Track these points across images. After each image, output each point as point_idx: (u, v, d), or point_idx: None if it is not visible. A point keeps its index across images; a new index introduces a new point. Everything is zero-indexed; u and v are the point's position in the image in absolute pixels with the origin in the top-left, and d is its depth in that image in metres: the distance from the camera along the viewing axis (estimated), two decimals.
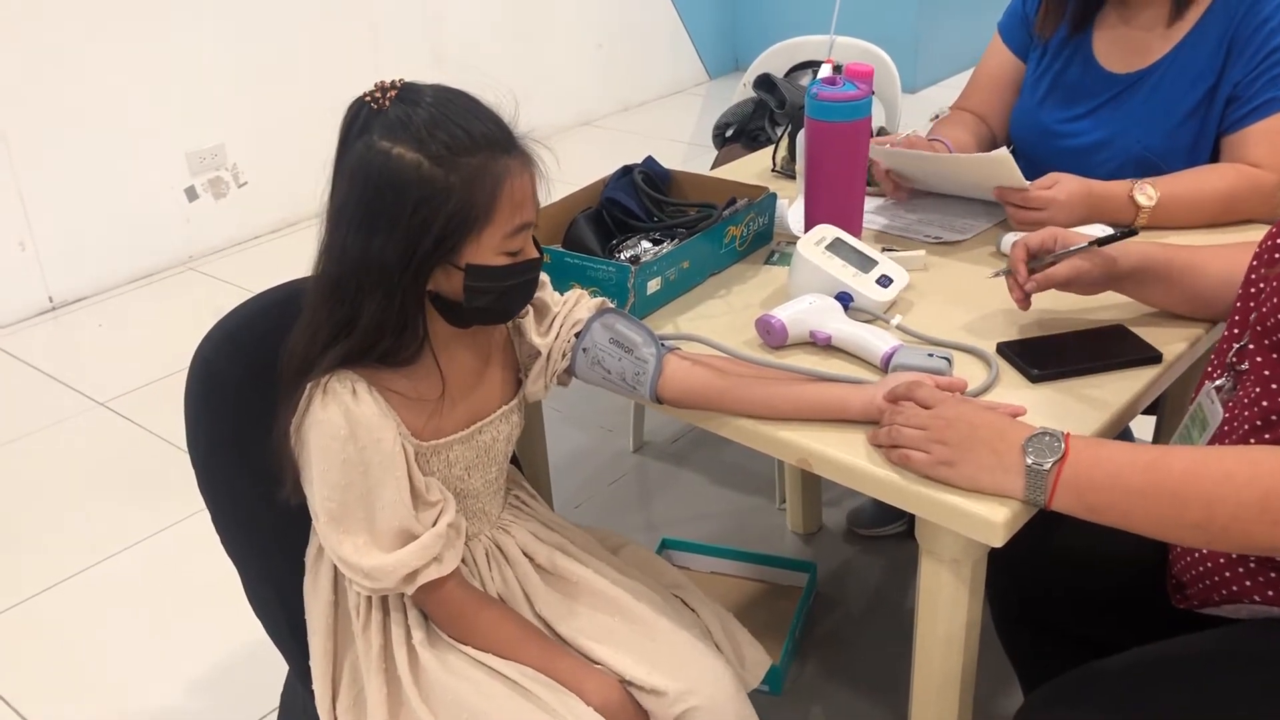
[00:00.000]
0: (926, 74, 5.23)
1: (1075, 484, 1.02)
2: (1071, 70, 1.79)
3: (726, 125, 2.68)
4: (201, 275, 3.80)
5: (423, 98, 1.11)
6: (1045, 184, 1.61)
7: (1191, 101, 1.68)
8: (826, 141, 1.54)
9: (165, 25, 3.60)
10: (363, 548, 1.17)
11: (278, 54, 3.92)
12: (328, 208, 1.14)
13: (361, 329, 1.12)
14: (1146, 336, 1.34)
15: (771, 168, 2.01)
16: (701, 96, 5.63)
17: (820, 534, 2.34)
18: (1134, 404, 1.26)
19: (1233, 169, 1.64)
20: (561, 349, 1.28)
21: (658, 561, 1.44)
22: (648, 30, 5.46)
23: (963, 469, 1.08)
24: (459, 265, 1.13)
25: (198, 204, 3.86)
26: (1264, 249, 1.16)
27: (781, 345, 1.37)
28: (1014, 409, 1.16)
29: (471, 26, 4.58)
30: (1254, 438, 1.09)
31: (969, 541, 1.10)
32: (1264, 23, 1.62)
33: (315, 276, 1.15)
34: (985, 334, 1.38)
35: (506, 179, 1.11)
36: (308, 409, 1.15)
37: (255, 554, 1.33)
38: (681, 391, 1.26)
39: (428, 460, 1.22)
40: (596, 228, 1.63)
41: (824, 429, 1.21)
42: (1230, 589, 1.12)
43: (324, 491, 1.16)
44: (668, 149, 4.77)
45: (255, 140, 3.95)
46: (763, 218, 1.66)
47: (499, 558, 1.31)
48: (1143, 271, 1.35)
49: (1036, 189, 1.60)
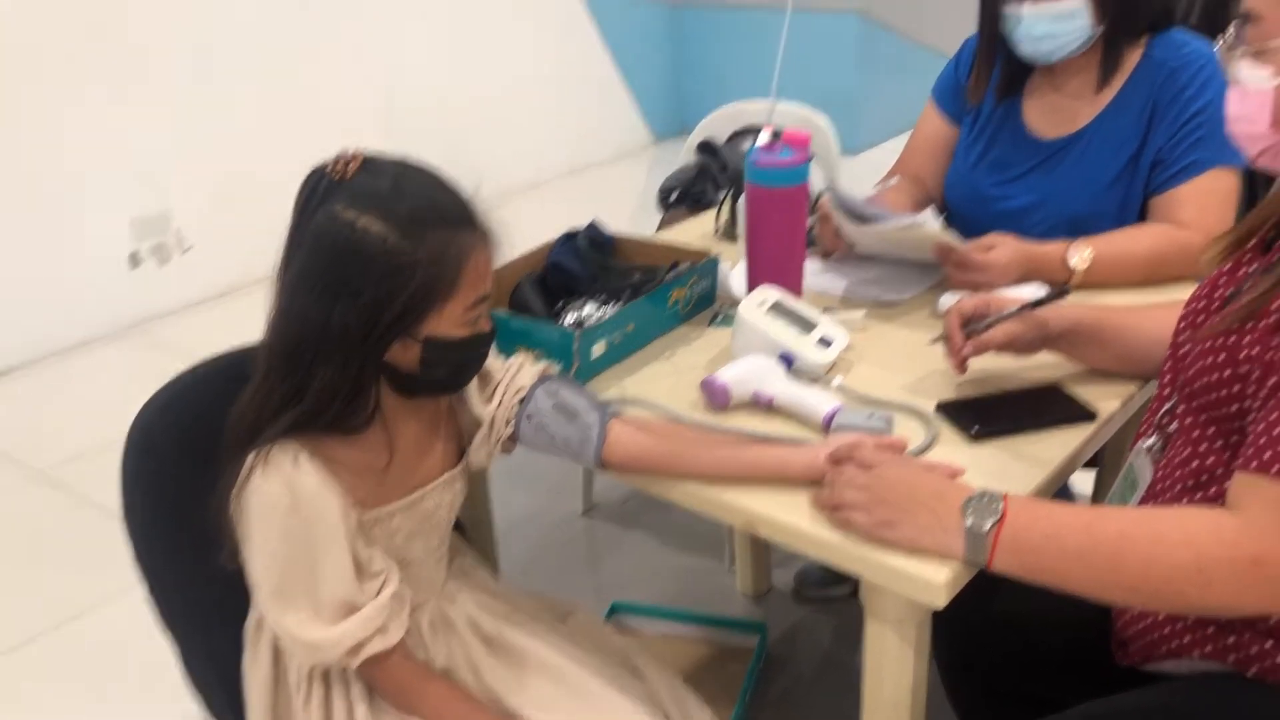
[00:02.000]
0: (866, 136, 5.33)
1: (1014, 545, 1.04)
2: (1003, 136, 1.85)
3: (671, 189, 2.71)
4: (144, 341, 3.75)
5: (386, 169, 1.12)
6: (984, 245, 1.64)
7: (1118, 166, 1.73)
8: (766, 206, 1.56)
9: (111, 90, 3.59)
10: (305, 621, 1.15)
11: (225, 120, 3.92)
12: (281, 275, 1.13)
13: (313, 396, 1.11)
14: (1081, 394, 1.37)
15: (714, 231, 2.04)
16: (648, 159, 5.70)
17: (770, 594, 2.33)
18: (1071, 461, 1.28)
19: (1161, 230, 1.69)
20: (505, 416, 1.28)
21: (606, 628, 1.43)
22: (595, 94, 5.53)
23: (904, 530, 1.09)
24: (418, 337, 1.13)
25: (141, 270, 3.82)
26: (1188, 311, 1.20)
27: (725, 407, 1.38)
28: (953, 469, 1.17)
29: (420, 90, 4.61)
30: (1186, 498, 1.11)
31: (912, 603, 1.11)
32: (1181, 90, 1.68)
33: (268, 343, 1.15)
34: (924, 393, 1.40)
35: (471, 254, 1.12)
36: (249, 479, 1.13)
37: (193, 628, 1.30)
38: (626, 457, 1.26)
39: (370, 530, 1.20)
40: (541, 292, 1.64)
41: (769, 492, 1.21)
42: (1171, 645, 1.14)
43: (265, 563, 1.14)
44: (616, 210, 4.81)
45: (201, 206, 3.93)
46: (705, 281, 1.68)
47: (444, 628, 1.29)
48: (1075, 333, 1.38)
49: (975, 250, 1.64)
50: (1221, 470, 1.07)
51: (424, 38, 4.58)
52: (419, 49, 4.57)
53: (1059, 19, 1.66)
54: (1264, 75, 1.03)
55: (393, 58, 4.47)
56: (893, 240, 1.72)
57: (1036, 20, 1.67)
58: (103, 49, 3.54)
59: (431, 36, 4.61)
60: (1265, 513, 0.95)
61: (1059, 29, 1.67)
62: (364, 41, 4.34)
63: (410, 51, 4.53)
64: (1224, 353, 1.05)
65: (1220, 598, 0.97)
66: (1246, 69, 1.05)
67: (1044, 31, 1.68)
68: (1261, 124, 1.05)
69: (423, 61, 4.59)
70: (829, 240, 1.80)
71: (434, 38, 4.63)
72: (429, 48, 4.61)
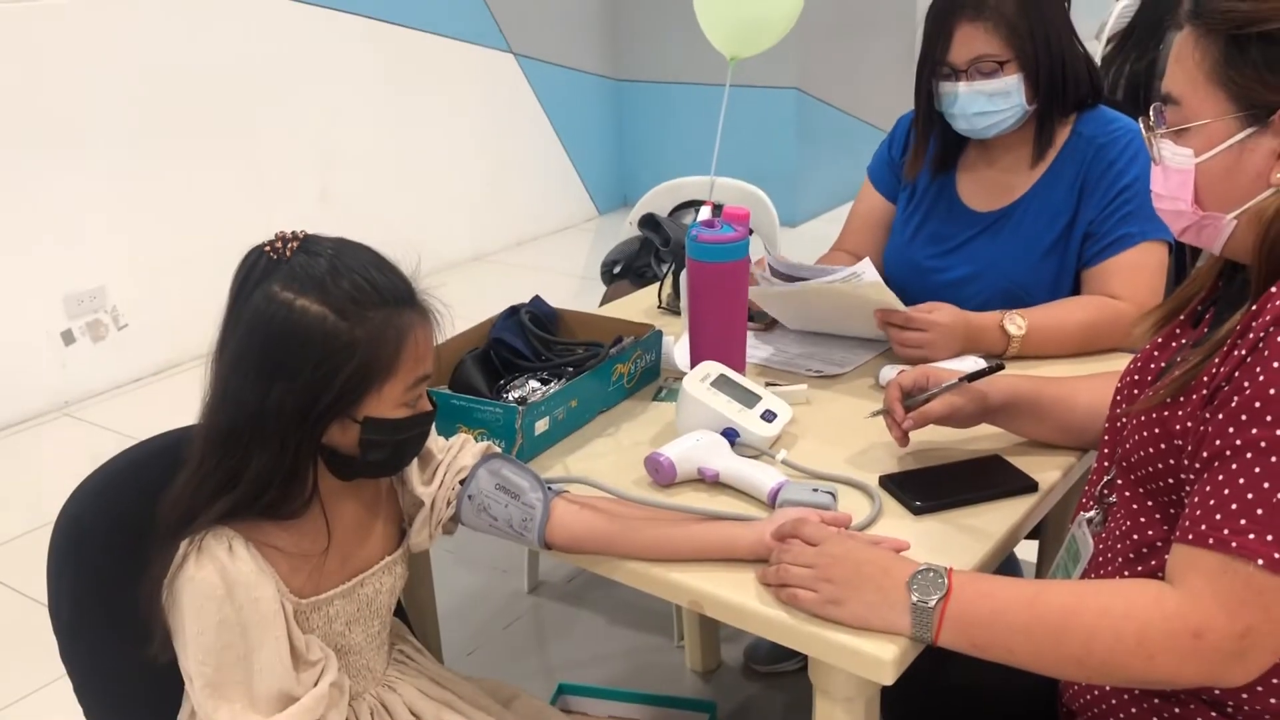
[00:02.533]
0: (805, 208, 5.42)
1: (960, 620, 1.04)
2: (938, 210, 1.89)
3: (614, 262, 2.72)
4: (78, 421, 3.66)
5: (324, 249, 1.11)
6: (926, 309, 1.67)
7: (1051, 237, 1.77)
8: (707, 281, 1.57)
9: (44, 165, 3.55)
10: (240, 713, 1.11)
11: (161, 194, 3.87)
12: (218, 356, 1.12)
13: (249, 480, 1.09)
14: (1022, 465, 1.38)
15: (658, 304, 2.04)
16: (591, 231, 5.74)
17: (720, 671, 2.31)
18: (1014, 533, 1.28)
19: (1094, 301, 1.73)
20: (446, 498, 1.26)
21: (551, 713, 1.40)
22: (538, 168, 5.57)
23: (850, 607, 1.08)
24: (356, 418, 1.11)
25: (74, 348, 3.75)
26: (1124, 384, 1.22)
27: (670, 483, 1.37)
28: (898, 544, 1.17)
29: (361, 163, 4.61)
30: (1128, 570, 1.12)
31: (861, 679, 1.10)
32: (1110, 165, 1.73)
33: (203, 425, 1.12)
34: (867, 466, 1.41)
35: (410, 333, 1.11)
36: (181, 567, 1.10)
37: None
38: (570, 536, 1.25)
39: (307, 617, 1.17)
40: (484, 368, 1.63)
41: (714, 569, 1.20)
42: (1118, 716, 1.14)
43: (199, 655, 1.10)
44: (559, 283, 4.83)
45: (137, 282, 3.87)
46: (649, 355, 1.68)
47: (384, 717, 1.25)
48: (1013, 405, 1.40)
49: (918, 313, 1.66)
50: (1161, 542, 1.08)
51: (363, 112, 4.59)
52: (358, 124, 4.57)
53: (994, 96, 1.71)
54: (1185, 154, 1.06)
55: (331, 132, 4.46)
56: (833, 303, 1.73)
57: (973, 98, 1.72)
58: (33, 120, 3.50)
59: (371, 111, 4.62)
60: (1204, 584, 0.96)
61: (994, 106, 1.72)
62: (302, 116, 4.33)
63: (349, 126, 4.54)
64: (1159, 426, 1.07)
65: (1163, 670, 0.97)
66: (1168, 149, 1.08)
67: (979, 109, 1.73)
68: (1184, 201, 1.08)
69: (363, 134, 4.60)
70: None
71: (373, 112, 4.64)
72: (369, 120, 4.62)
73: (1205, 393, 1.02)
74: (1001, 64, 1.69)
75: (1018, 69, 1.70)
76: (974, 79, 1.71)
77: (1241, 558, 0.94)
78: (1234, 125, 1.03)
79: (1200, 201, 1.07)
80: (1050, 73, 1.72)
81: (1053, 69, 1.72)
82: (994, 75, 1.70)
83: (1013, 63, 1.70)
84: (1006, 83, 1.70)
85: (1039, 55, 1.70)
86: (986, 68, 1.70)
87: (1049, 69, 1.72)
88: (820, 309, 1.78)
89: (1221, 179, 1.05)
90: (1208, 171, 1.05)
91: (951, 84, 1.73)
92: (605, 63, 5.82)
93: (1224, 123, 1.03)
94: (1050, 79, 1.72)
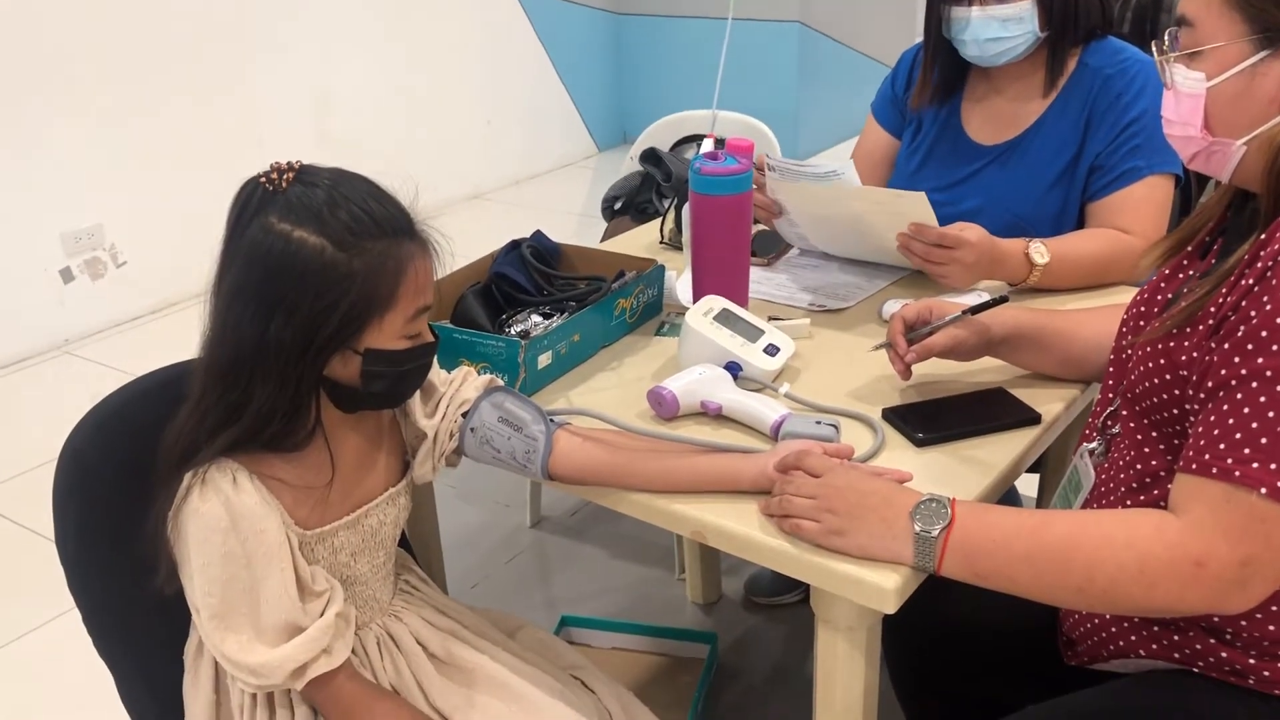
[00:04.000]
0: (808, 145, 5.37)
1: (962, 550, 1.04)
2: (943, 143, 1.87)
3: (615, 198, 2.70)
4: (77, 359, 3.66)
5: (321, 179, 1.10)
6: (958, 228, 1.63)
7: (1056, 170, 1.75)
8: (710, 215, 1.56)
9: (41, 104, 3.51)
10: (247, 644, 1.12)
11: (158, 132, 3.84)
12: (216, 290, 1.11)
13: (251, 414, 1.09)
14: (1025, 398, 1.38)
15: (660, 240, 2.03)
16: (591, 169, 5.70)
17: (720, 603, 2.33)
18: (1017, 465, 1.29)
19: (1105, 234, 1.71)
20: (449, 430, 1.26)
21: (556, 643, 1.41)
22: (536, 105, 5.51)
23: (853, 537, 1.09)
24: (358, 350, 1.11)
25: (73, 286, 3.74)
26: (1129, 316, 1.21)
27: (673, 417, 1.37)
28: (901, 475, 1.17)
29: (358, 102, 4.56)
30: (1131, 499, 1.12)
31: (863, 609, 1.11)
32: (1117, 97, 1.71)
33: (204, 360, 1.12)
34: (870, 399, 1.40)
35: (409, 264, 1.10)
36: (185, 499, 1.10)
37: (129, 653, 1.27)
38: (573, 468, 1.25)
39: (312, 548, 1.18)
40: (486, 303, 1.62)
41: (717, 500, 1.20)
42: (1117, 644, 1.15)
43: (205, 587, 1.11)
44: (559, 221, 4.79)
45: (135, 220, 3.85)
46: (652, 290, 1.67)
47: (391, 647, 1.27)
48: (1017, 337, 1.39)
49: (950, 230, 1.62)
50: (1164, 472, 1.08)
51: (360, 48, 4.54)
52: (355, 59, 4.52)
53: (1007, 22, 1.69)
54: (1197, 78, 1.05)
55: (328, 67, 4.42)
56: (863, 210, 1.69)
57: (985, 23, 1.69)
58: (29, 59, 3.46)
59: (367, 46, 4.57)
60: (1206, 513, 0.96)
61: (1007, 32, 1.70)
62: (299, 51, 4.28)
63: (346, 61, 4.49)
64: (1164, 357, 1.07)
65: (1164, 599, 0.98)
66: (1181, 73, 1.06)
67: (992, 34, 1.70)
68: (1194, 127, 1.06)
69: (359, 71, 4.55)
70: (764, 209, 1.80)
71: (370, 47, 4.58)
72: (365, 57, 4.56)
73: (1211, 323, 1.01)
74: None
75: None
76: (987, 4, 1.68)
77: (1244, 486, 0.94)
78: (1247, 49, 1.01)
79: (1210, 127, 1.05)
80: (1063, 0, 1.69)
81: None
82: (1007, 0, 1.67)
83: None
84: (1020, 8, 1.68)
85: None
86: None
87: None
88: (843, 218, 1.74)
89: (1232, 104, 1.03)
90: (1219, 96, 1.04)
91: (964, 9, 1.70)
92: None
93: (1237, 46, 1.01)
94: (1063, 6, 1.70)
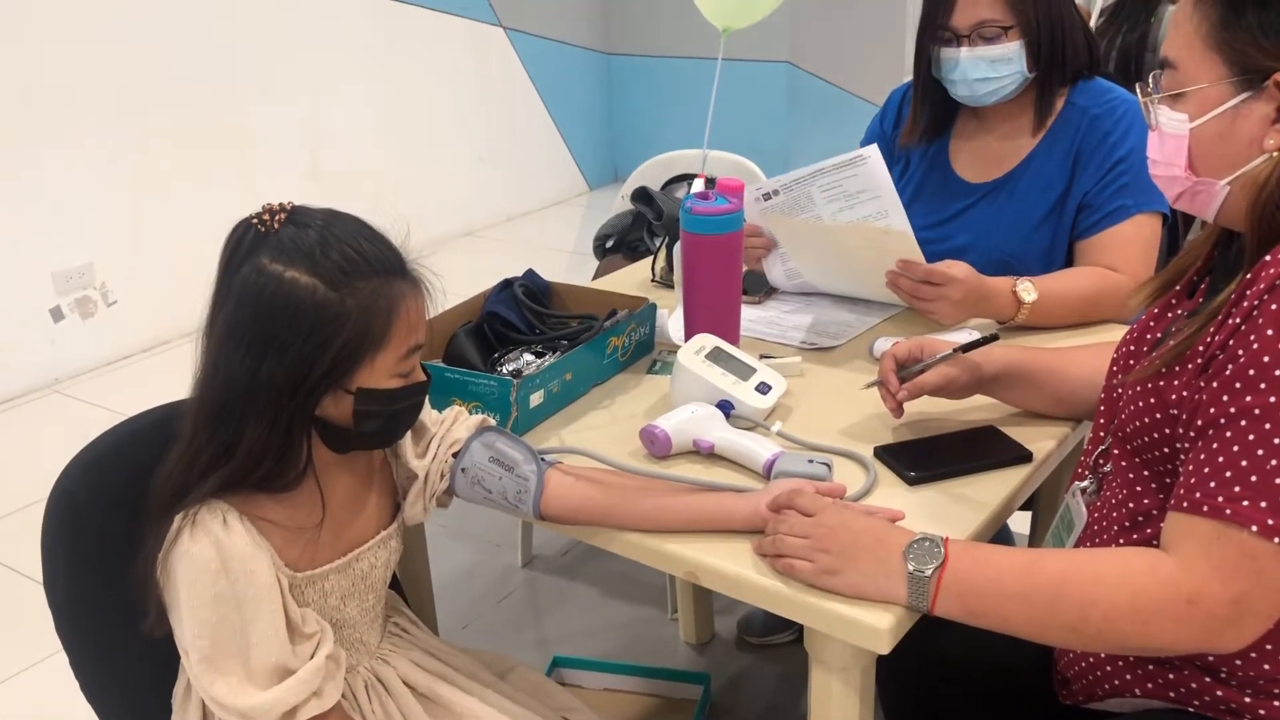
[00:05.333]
0: None
1: (956, 589, 1.04)
2: (931, 181, 1.88)
3: (606, 236, 2.72)
4: (67, 398, 3.65)
5: (313, 220, 1.10)
6: (945, 265, 1.64)
7: (1044, 208, 1.77)
8: (701, 253, 1.57)
9: (32, 143, 3.52)
10: (237, 687, 1.11)
11: (150, 171, 3.85)
12: (208, 331, 1.11)
13: (242, 454, 1.09)
14: (1017, 436, 1.38)
15: (651, 278, 2.04)
16: (582, 206, 5.72)
17: (713, 643, 2.31)
18: (1009, 503, 1.29)
19: (1094, 271, 1.72)
20: (440, 470, 1.26)
21: (547, 684, 1.40)
22: (528, 142, 5.54)
23: (847, 577, 1.08)
24: (350, 390, 1.11)
25: (64, 324, 3.73)
26: (1120, 355, 1.22)
27: (666, 455, 1.37)
28: (893, 513, 1.17)
29: (350, 139, 4.58)
30: (1123, 538, 1.12)
31: (857, 649, 1.10)
32: (1105, 136, 1.73)
33: (195, 400, 1.12)
34: (862, 437, 1.41)
35: (402, 303, 1.10)
36: (175, 541, 1.10)
37: (117, 696, 1.26)
38: (565, 508, 1.24)
39: (302, 591, 1.17)
40: (478, 342, 1.62)
41: (710, 540, 1.20)
42: (1112, 684, 1.14)
43: (194, 629, 1.10)
44: (550, 259, 4.81)
45: (125, 258, 3.85)
46: (643, 328, 1.68)
47: (379, 689, 1.26)
48: (1008, 375, 1.40)
49: (937, 267, 1.63)
50: (1156, 511, 1.09)
51: (353, 86, 4.56)
52: (347, 98, 4.55)
53: (996, 63, 1.71)
54: (1180, 119, 1.06)
55: (320, 107, 4.44)
56: (852, 242, 1.70)
57: (974, 64, 1.71)
58: (21, 95, 3.47)
59: (361, 85, 4.60)
60: (1199, 552, 0.96)
61: (995, 72, 1.72)
62: (291, 90, 4.30)
63: (338, 100, 4.51)
64: (1154, 396, 1.07)
65: (1158, 637, 0.98)
66: (1164, 114, 1.08)
67: (981, 75, 1.72)
68: (1179, 167, 1.08)
69: (351, 110, 4.57)
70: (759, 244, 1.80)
71: (363, 86, 4.61)
72: (357, 97, 4.59)
73: (1200, 361, 1.02)
74: (1004, 30, 1.69)
75: (1020, 35, 1.70)
76: (976, 45, 1.70)
77: (1235, 524, 0.94)
78: (1228, 90, 1.02)
79: (1194, 167, 1.07)
80: (1051, 41, 1.72)
81: (1053, 37, 1.72)
82: (996, 41, 1.70)
83: (1015, 29, 1.69)
84: (1009, 49, 1.70)
85: (1040, 22, 1.70)
86: (989, 33, 1.69)
87: (1049, 37, 1.71)
88: (830, 247, 1.74)
89: (1215, 144, 1.04)
90: (1202, 137, 1.05)
91: (953, 49, 1.72)
92: (595, 36, 5.79)
93: (1219, 87, 1.03)
94: (1051, 47, 1.72)
